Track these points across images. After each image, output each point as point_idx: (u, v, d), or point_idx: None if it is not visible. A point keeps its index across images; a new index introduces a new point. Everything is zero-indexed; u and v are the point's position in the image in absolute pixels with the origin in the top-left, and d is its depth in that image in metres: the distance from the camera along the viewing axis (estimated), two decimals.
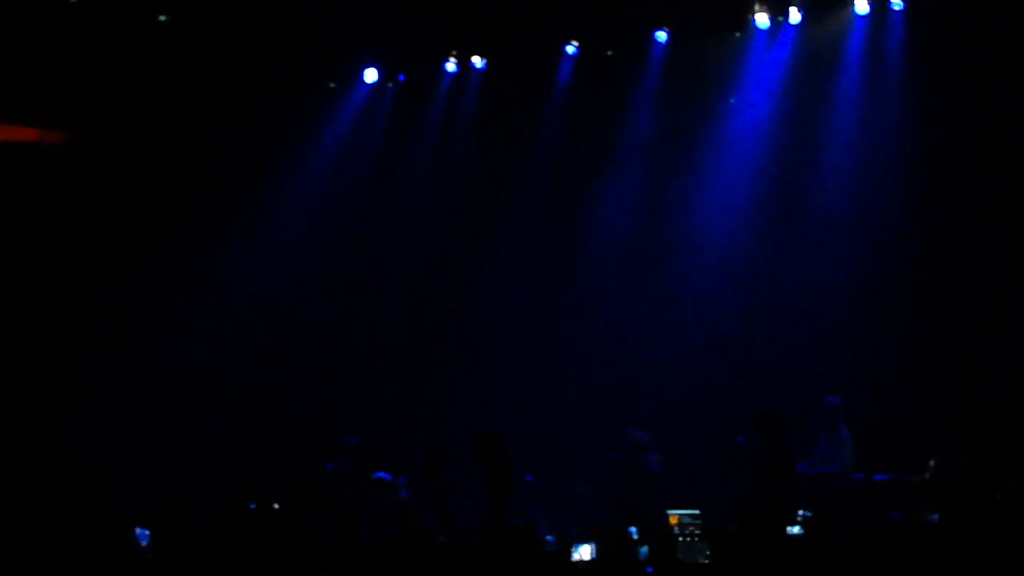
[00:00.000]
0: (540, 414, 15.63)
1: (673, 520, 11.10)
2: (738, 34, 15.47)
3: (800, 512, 11.21)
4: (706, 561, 9.10)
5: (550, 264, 16.56)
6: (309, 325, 16.83)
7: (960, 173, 14.16)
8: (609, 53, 16.05)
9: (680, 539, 10.09)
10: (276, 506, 11.61)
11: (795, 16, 15.08)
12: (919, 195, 14.42)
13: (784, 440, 11.77)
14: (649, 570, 8.59)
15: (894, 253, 14.56)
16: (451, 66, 16.61)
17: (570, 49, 16.07)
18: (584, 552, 10.11)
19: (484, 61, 16.45)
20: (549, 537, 10.87)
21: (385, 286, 16.97)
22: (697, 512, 11.38)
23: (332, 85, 17.06)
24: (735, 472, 12.15)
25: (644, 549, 9.11)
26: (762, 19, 15.15)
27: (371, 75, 16.83)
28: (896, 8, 14.69)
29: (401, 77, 17.08)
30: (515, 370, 15.98)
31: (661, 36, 15.67)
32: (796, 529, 10.22)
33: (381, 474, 13.87)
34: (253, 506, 11.09)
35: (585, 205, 16.42)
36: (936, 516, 10.74)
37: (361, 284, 17.08)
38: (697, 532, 10.74)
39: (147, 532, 10.41)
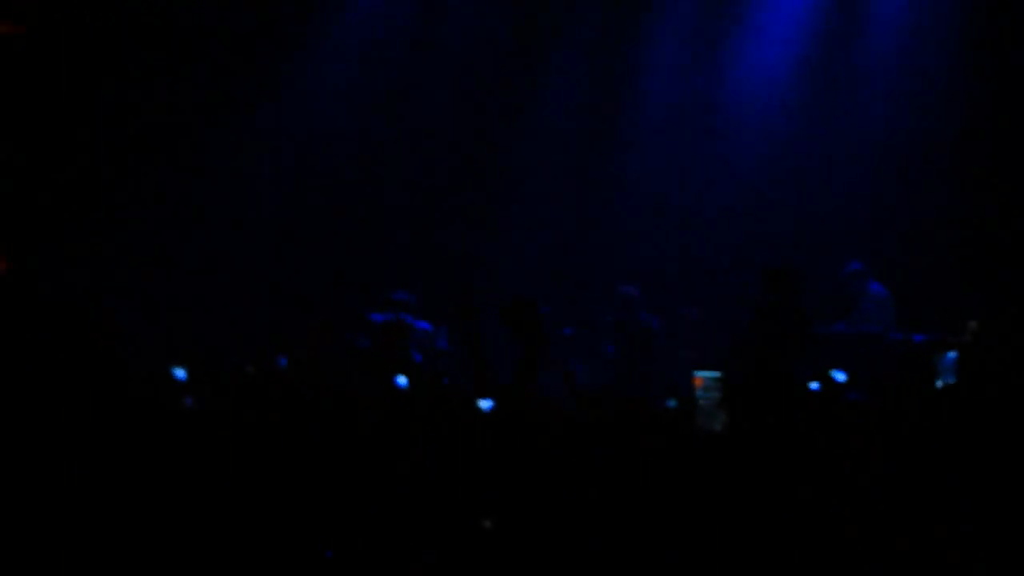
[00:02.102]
0: (576, 272, 15.62)
1: (698, 382, 10.86)
2: None
3: (835, 372, 11.14)
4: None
5: (588, 127, 16.45)
6: (350, 177, 16.71)
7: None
8: None
9: (701, 403, 9.90)
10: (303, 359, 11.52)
11: None
12: (968, 51, 14.16)
13: (798, 299, 11.68)
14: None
15: (939, 110, 14.34)
16: None
17: None
18: None
19: None
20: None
21: (423, 138, 16.82)
22: (719, 374, 11.16)
23: None
24: (754, 332, 12.05)
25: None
26: None
27: None
28: None
29: None
30: (553, 231, 15.99)
31: None
32: (815, 385, 10.00)
33: (423, 323, 13.91)
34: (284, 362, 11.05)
35: (628, 59, 16.21)
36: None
37: (402, 133, 16.89)
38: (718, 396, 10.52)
39: (183, 371, 10.49)
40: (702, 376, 10.57)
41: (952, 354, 10.06)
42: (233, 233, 16.09)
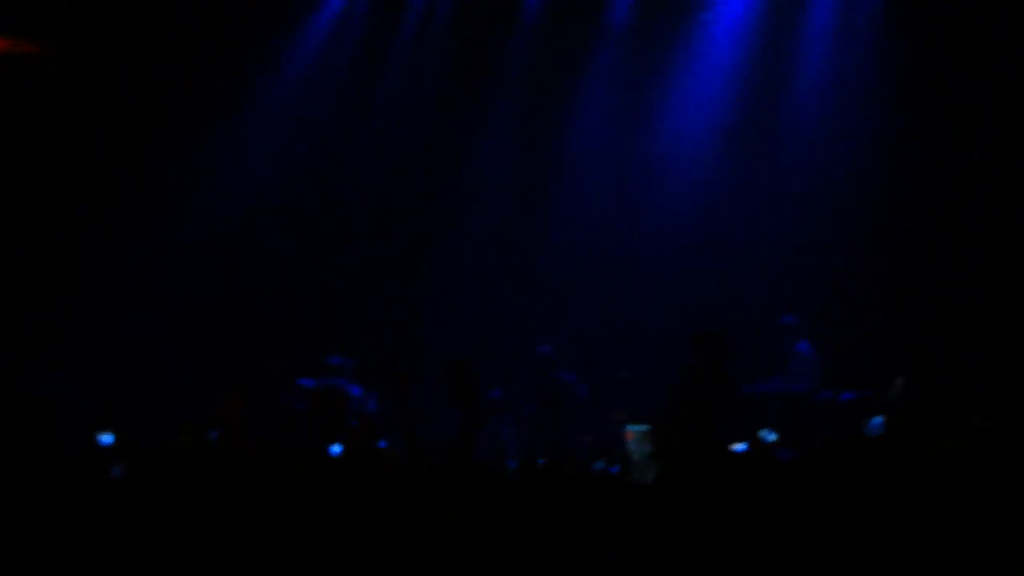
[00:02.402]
0: (508, 329, 15.65)
1: (629, 436, 10.92)
2: None
3: (765, 432, 11.22)
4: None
5: (524, 174, 16.50)
6: (283, 240, 16.68)
7: (935, 89, 14.08)
8: None
9: (634, 457, 9.98)
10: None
11: None
12: (892, 110, 14.36)
13: (724, 362, 11.83)
14: None
15: (864, 169, 14.49)
16: None
17: None
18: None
19: None
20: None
21: (357, 199, 16.84)
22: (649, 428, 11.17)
23: None
24: (681, 395, 12.14)
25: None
26: None
27: None
28: None
29: None
30: (486, 285, 16.01)
31: None
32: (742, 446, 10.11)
33: (355, 388, 13.84)
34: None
35: (558, 119, 16.32)
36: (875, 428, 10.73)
37: (334, 196, 16.91)
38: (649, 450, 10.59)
39: (111, 436, 10.38)
40: (633, 430, 10.65)
41: (878, 419, 10.18)
42: (160, 301, 15.99)
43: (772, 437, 11.14)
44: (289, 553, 6.23)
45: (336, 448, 9.77)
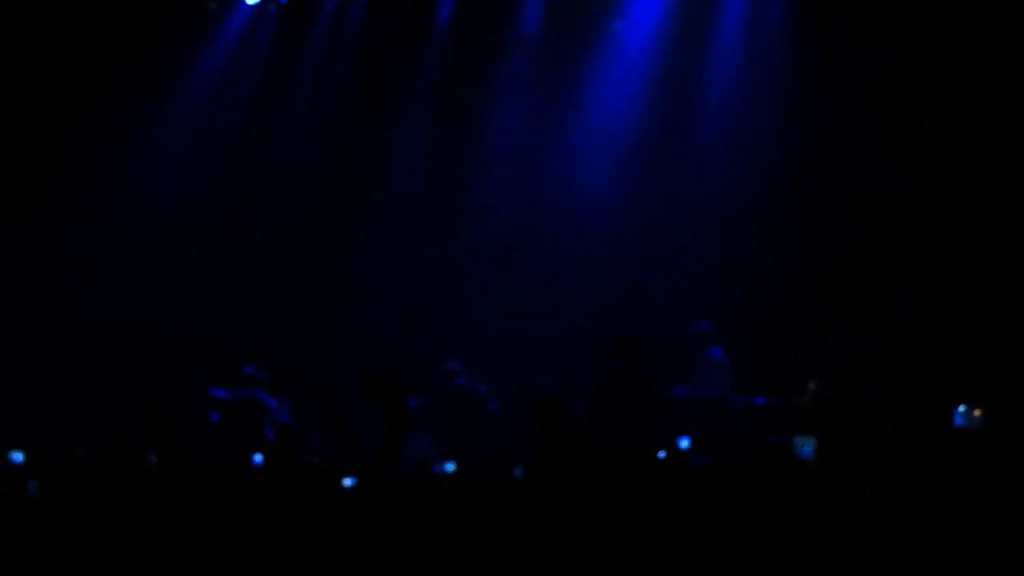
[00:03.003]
0: (421, 338, 15.64)
1: None
2: None
3: (680, 439, 11.33)
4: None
5: (435, 186, 16.49)
6: (193, 253, 16.54)
7: (844, 95, 14.27)
8: None
9: None
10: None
11: None
12: (799, 121, 14.53)
13: (643, 367, 11.95)
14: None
15: (774, 175, 14.60)
16: None
17: None
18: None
19: None
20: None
21: (269, 211, 16.75)
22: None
23: (213, 5, 16.72)
24: (602, 399, 12.21)
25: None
26: None
27: None
28: None
29: None
30: (397, 294, 16.01)
31: None
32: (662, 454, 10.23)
33: (263, 396, 13.75)
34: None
35: (469, 131, 16.32)
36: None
37: (245, 209, 16.80)
38: None
39: (21, 454, 10.24)
40: None
41: (808, 448, 10.31)
42: (68, 309, 15.84)
43: (686, 444, 11.26)
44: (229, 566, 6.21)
45: (258, 459, 9.74)
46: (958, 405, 10.37)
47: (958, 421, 10.65)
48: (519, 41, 15.97)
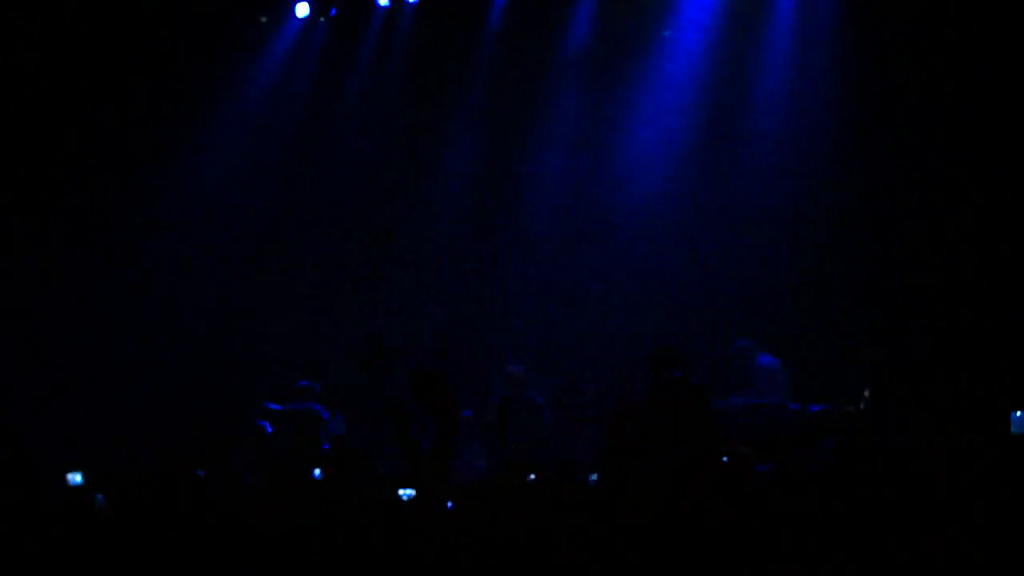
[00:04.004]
0: (474, 346, 15.67)
1: None
2: None
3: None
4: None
5: (485, 195, 16.52)
6: (245, 264, 16.63)
7: (896, 103, 14.20)
8: None
9: None
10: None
11: None
12: (852, 125, 14.46)
13: (693, 376, 11.91)
14: None
15: (825, 182, 14.54)
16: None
17: None
18: None
19: None
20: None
21: (319, 221, 16.84)
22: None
23: (264, 19, 16.86)
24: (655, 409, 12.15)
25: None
26: None
27: (303, 9, 16.68)
28: None
29: (333, 11, 16.92)
30: (450, 301, 16.08)
31: None
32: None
33: (319, 408, 13.78)
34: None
35: (518, 139, 16.36)
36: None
37: (296, 219, 16.91)
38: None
39: (79, 475, 10.29)
40: None
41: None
42: (118, 323, 15.94)
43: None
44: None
45: (317, 472, 9.75)
46: (1016, 410, 10.31)
47: (1016, 427, 10.59)
48: (569, 49, 16.00)
